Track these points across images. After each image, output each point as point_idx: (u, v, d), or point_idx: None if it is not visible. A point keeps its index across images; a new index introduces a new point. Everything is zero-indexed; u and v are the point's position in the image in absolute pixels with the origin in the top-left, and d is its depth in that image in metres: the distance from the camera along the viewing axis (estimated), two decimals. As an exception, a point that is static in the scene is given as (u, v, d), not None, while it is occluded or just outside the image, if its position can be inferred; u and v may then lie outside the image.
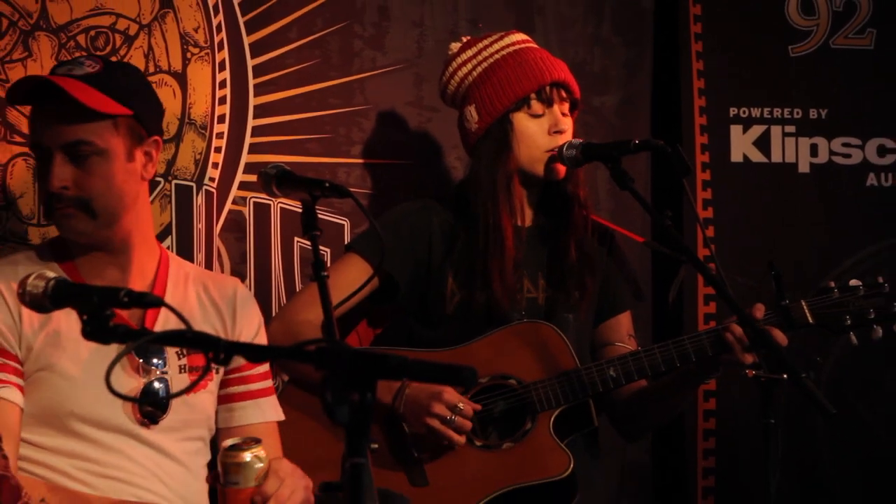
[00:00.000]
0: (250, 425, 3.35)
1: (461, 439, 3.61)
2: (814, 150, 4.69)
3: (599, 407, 3.79)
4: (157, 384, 3.20)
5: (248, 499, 2.97)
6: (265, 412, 3.40)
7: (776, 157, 4.68)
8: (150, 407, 3.19)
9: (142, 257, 3.27)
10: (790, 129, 4.69)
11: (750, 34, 4.71)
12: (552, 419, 3.67)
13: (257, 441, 3.03)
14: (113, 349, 3.06)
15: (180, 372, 3.23)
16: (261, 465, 2.98)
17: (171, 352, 3.22)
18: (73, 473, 3.13)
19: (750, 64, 4.69)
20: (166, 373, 3.21)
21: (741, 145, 4.67)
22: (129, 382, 3.16)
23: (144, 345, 3.17)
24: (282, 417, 3.43)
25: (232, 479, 2.97)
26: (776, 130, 4.68)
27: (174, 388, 3.20)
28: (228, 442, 3.02)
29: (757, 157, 4.68)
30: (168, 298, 3.22)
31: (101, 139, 3.14)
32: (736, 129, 4.67)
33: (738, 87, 4.69)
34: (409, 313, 3.87)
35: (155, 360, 3.20)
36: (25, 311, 3.07)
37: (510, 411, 3.71)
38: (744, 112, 4.68)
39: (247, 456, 2.97)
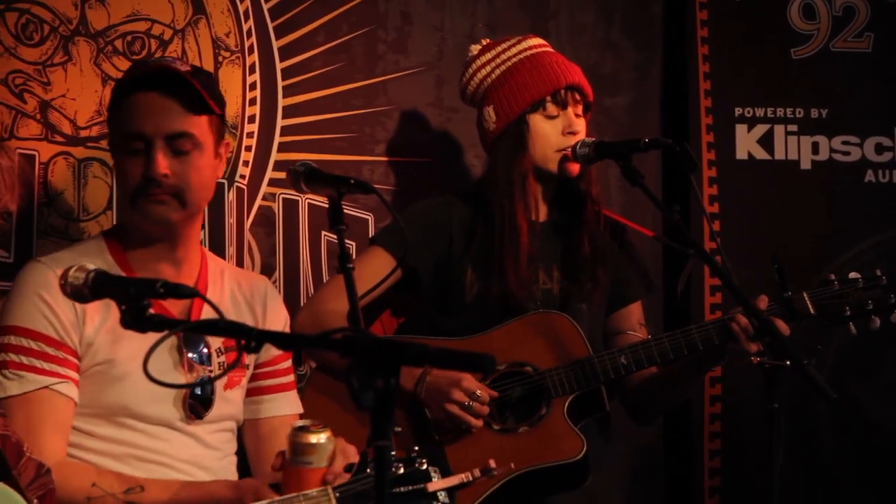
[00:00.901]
0: (278, 416, 3.36)
1: (479, 423, 3.60)
2: (815, 148, 4.67)
3: (611, 393, 3.78)
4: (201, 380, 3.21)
5: (320, 478, 2.96)
6: (292, 404, 3.41)
7: (779, 154, 4.66)
8: (194, 401, 3.19)
9: (192, 254, 3.26)
10: (792, 128, 4.67)
11: (754, 38, 4.68)
12: (566, 405, 3.66)
13: (324, 424, 3.02)
14: (167, 348, 3.09)
15: (219, 368, 3.23)
16: (332, 446, 2.98)
17: (212, 349, 3.22)
18: (122, 457, 3.14)
19: (754, 66, 4.67)
20: (211, 370, 3.21)
21: (746, 143, 4.65)
22: (178, 379, 3.16)
23: (192, 341, 3.16)
24: (302, 410, 3.44)
25: (306, 458, 2.95)
26: (779, 129, 4.66)
27: (215, 383, 3.21)
28: (298, 423, 3.02)
29: (761, 154, 4.65)
30: (209, 294, 3.21)
31: (200, 132, 3.13)
32: (741, 128, 4.65)
33: (742, 89, 4.67)
34: (430, 303, 3.85)
35: (199, 357, 3.20)
36: (88, 308, 3.05)
37: (526, 397, 3.70)
38: (748, 112, 4.66)
39: (321, 437, 2.96)
